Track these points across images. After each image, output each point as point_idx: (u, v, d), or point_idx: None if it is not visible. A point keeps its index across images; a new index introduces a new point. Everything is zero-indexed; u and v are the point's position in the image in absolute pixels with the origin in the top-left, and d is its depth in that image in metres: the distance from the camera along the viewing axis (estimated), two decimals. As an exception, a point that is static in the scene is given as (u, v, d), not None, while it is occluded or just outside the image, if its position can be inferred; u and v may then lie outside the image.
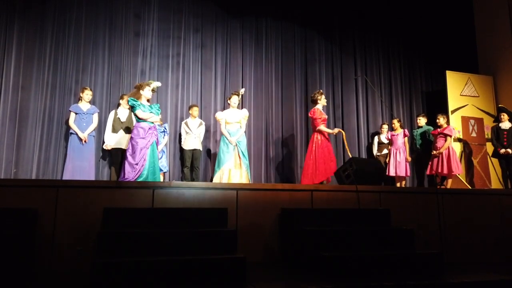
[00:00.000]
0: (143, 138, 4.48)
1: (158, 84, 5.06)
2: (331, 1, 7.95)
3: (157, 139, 4.69)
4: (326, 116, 5.82)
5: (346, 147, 5.96)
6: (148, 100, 4.75)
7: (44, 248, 3.19)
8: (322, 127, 5.59)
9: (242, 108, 6.18)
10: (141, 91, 4.67)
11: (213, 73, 7.21)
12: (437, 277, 2.98)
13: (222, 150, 5.46)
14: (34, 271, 3.07)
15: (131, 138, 4.54)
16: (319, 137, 5.56)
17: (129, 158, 4.43)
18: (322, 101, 5.75)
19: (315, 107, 5.72)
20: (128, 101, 4.69)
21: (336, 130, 5.82)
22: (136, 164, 4.37)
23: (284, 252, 3.58)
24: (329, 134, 5.67)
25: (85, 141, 5.47)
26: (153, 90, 4.85)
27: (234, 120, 5.57)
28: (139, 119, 4.55)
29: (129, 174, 4.37)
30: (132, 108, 4.62)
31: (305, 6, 7.81)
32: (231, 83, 7.12)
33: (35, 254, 3.13)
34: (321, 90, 6.02)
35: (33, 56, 6.29)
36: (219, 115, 5.72)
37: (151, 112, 4.63)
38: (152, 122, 4.61)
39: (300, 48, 7.77)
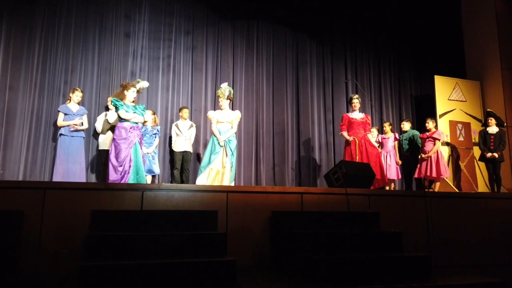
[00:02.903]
0: (125, 138, 4.42)
1: (146, 84, 4.96)
2: (322, 5, 8.01)
3: (141, 139, 4.62)
4: (356, 120, 5.87)
5: (356, 154, 5.82)
6: (133, 101, 4.71)
7: (30, 251, 3.14)
8: (343, 133, 5.94)
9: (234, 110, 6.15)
10: (125, 92, 4.63)
11: (203, 75, 7.20)
12: (425, 279, 3.01)
13: (209, 149, 5.38)
14: (19, 275, 3.01)
15: (113, 139, 4.48)
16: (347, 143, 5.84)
17: (113, 160, 4.36)
18: (353, 106, 5.99)
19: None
20: (111, 102, 4.64)
21: (351, 138, 5.82)
22: (120, 166, 4.31)
23: (275, 255, 3.58)
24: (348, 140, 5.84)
25: (79, 126, 5.41)
26: (138, 91, 4.78)
27: (226, 120, 5.47)
28: (121, 119, 4.51)
29: (113, 176, 4.32)
30: (115, 109, 4.57)
31: (297, 9, 7.86)
32: (222, 86, 7.11)
33: (20, 257, 3.07)
34: (354, 95, 6.10)
35: (21, 55, 6.21)
36: (211, 113, 5.63)
37: (135, 112, 4.58)
38: (136, 122, 4.56)
39: (291, 50, 7.81)
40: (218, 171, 5.23)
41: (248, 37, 7.61)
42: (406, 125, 6.82)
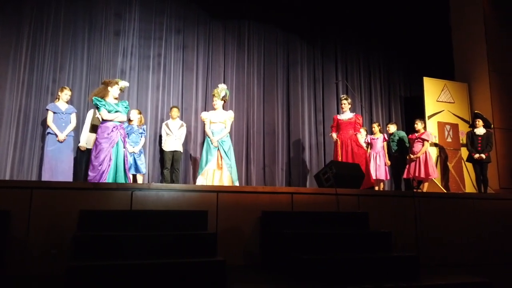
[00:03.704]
0: (107, 138, 4.40)
1: (126, 84, 4.91)
2: (314, 6, 8.04)
3: (124, 138, 4.58)
4: (343, 120, 6.00)
5: (340, 154, 5.98)
6: (116, 98, 4.68)
7: (17, 251, 3.09)
8: (331, 134, 6.19)
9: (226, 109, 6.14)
10: (109, 88, 4.59)
11: (194, 74, 7.17)
12: (413, 279, 3.04)
13: (205, 150, 5.39)
14: (5, 276, 2.96)
15: (96, 138, 4.46)
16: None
17: (93, 159, 4.37)
18: (341, 107, 6.17)
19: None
20: (92, 100, 4.58)
21: (334, 138, 6.11)
22: (100, 165, 4.30)
23: (265, 255, 3.58)
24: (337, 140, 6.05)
25: (63, 141, 5.32)
26: (121, 90, 4.74)
27: (218, 120, 5.46)
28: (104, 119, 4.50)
29: (91, 175, 4.31)
30: (97, 108, 4.53)
31: (288, 10, 7.87)
32: (213, 85, 7.08)
33: (7, 257, 3.02)
34: (342, 97, 6.21)
35: (8, 53, 6.10)
36: (204, 114, 5.63)
37: (117, 111, 4.54)
38: (120, 121, 4.53)
39: (282, 51, 7.83)
40: (214, 171, 5.23)
41: (239, 37, 7.60)
42: (392, 128, 6.91)
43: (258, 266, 3.55)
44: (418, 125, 6.48)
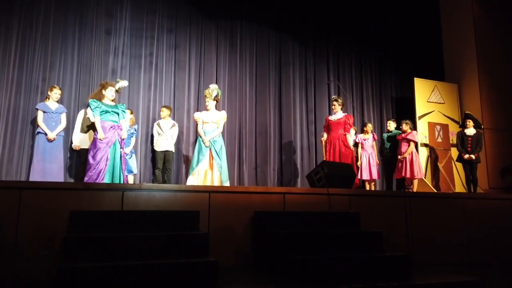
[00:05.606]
0: (104, 137, 4.46)
1: (125, 83, 4.91)
2: (306, 7, 8.05)
3: (120, 138, 4.61)
4: (333, 121, 6.11)
5: (325, 154, 6.17)
6: (113, 100, 4.72)
7: (6, 253, 3.04)
8: (323, 134, 6.31)
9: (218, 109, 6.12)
10: (103, 91, 4.64)
11: (186, 74, 7.14)
12: (405, 278, 3.05)
13: (197, 150, 5.38)
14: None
15: (94, 138, 4.54)
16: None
17: (90, 158, 4.41)
18: (333, 108, 6.22)
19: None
20: (88, 102, 4.64)
21: (322, 139, 6.32)
22: (97, 164, 4.32)
23: (257, 255, 3.57)
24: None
25: (52, 140, 5.26)
26: (117, 91, 4.78)
27: (211, 120, 5.45)
28: (102, 118, 4.55)
29: (89, 174, 4.34)
30: (91, 110, 4.60)
31: (280, 11, 7.88)
32: (205, 84, 7.05)
33: (-5, 259, 2.98)
34: (334, 96, 6.31)
35: (-3, 51, 6.02)
36: (197, 115, 5.62)
37: (113, 111, 4.61)
38: (117, 121, 4.58)
39: (274, 51, 7.83)
40: (206, 171, 5.22)
41: (231, 37, 7.58)
42: (392, 125, 6.92)
43: (250, 266, 3.54)
44: (404, 126, 6.52)
